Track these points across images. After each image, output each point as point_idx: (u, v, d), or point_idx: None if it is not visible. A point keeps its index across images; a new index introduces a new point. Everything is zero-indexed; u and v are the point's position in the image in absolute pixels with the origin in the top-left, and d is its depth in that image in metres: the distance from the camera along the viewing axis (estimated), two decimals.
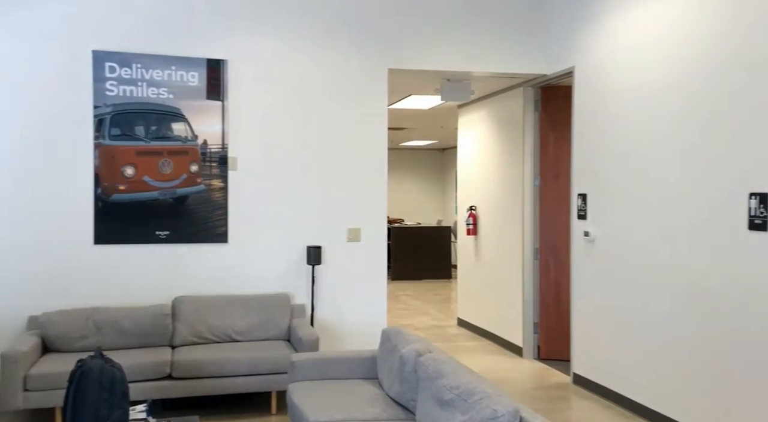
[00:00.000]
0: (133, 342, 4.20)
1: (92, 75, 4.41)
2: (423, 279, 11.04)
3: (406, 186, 13.68)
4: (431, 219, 13.75)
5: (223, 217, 4.71)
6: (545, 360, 5.62)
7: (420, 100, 6.65)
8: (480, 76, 5.40)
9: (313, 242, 4.90)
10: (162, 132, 4.56)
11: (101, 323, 4.14)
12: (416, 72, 5.16)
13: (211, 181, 4.68)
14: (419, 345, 3.05)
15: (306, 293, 4.87)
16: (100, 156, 4.44)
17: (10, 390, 3.59)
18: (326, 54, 4.89)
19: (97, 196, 4.43)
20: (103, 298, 4.44)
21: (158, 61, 4.54)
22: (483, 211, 6.53)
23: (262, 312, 4.52)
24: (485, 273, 6.47)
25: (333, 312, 4.93)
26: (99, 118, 4.43)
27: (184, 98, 4.60)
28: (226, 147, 4.71)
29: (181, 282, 4.61)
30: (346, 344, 4.96)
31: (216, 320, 4.39)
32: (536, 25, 5.30)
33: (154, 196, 4.55)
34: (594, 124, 4.72)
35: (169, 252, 4.59)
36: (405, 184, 13.66)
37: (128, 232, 4.49)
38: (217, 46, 4.66)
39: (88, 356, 2.63)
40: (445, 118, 8.44)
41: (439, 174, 13.87)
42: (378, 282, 5.03)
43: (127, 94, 4.48)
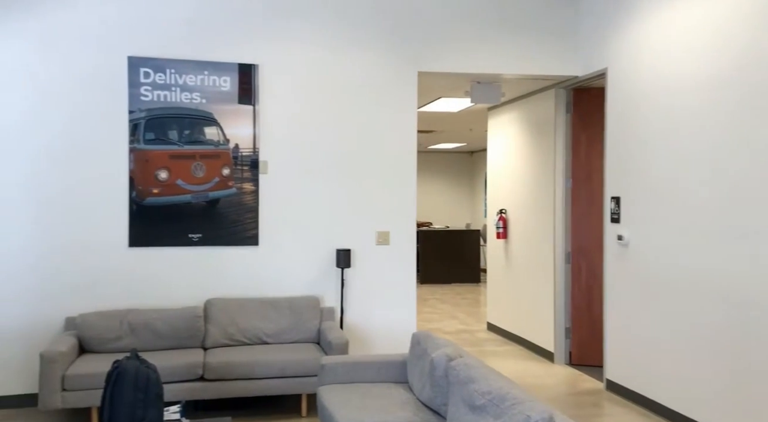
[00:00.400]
0: (166, 343, 4.26)
1: (127, 80, 4.50)
2: (451, 282, 10.98)
3: (435, 189, 13.64)
4: (460, 223, 13.68)
5: (254, 220, 4.75)
6: (577, 365, 5.53)
7: (449, 102, 6.63)
8: (511, 79, 5.36)
9: (342, 245, 4.92)
10: (195, 136, 4.63)
11: (135, 325, 4.21)
12: (446, 75, 5.14)
13: (242, 185, 4.73)
14: (450, 350, 3.03)
15: (335, 296, 4.89)
16: (135, 160, 4.52)
17: (48, 389, 3.67)
18: (356, 58, 4.91)
19: (132, 200, 4.52)
20: (137, 300, 4.52)
21: (191, 67, 4.61)
22: (513, 214, 6.47)
23: (292, 315, 4.54)
24: (515, 277, 6.41)
25: (362, 316, 4.94)
26: (134, 122, 4.52)
27: (216, 103, 4.66)
28: (257, 151, 4.75)
29: (213, 285, 4.67)
30: (374, 347, 4.96)
31: (247, 322, 4.44)
32: (568, 27, 5.24)
33: (186, 200, 4.62)
34: (627, 125, 4.64)
35: (201, 254, 4.65)
36: (433, 187, 13.63)
37: (161, 235, 4.56)
38: (248, 51, 4.71)
39: (124, 357, 2.68)
40: (475, 121, 8.39)
41: (468, 177, 13.79)
42: (407, 285, 5.02)
43: (161, 99, 4.56)
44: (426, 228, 11.27)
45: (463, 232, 11.07)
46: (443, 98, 6.40)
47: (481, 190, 13.20)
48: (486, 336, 6.72)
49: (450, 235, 11.01)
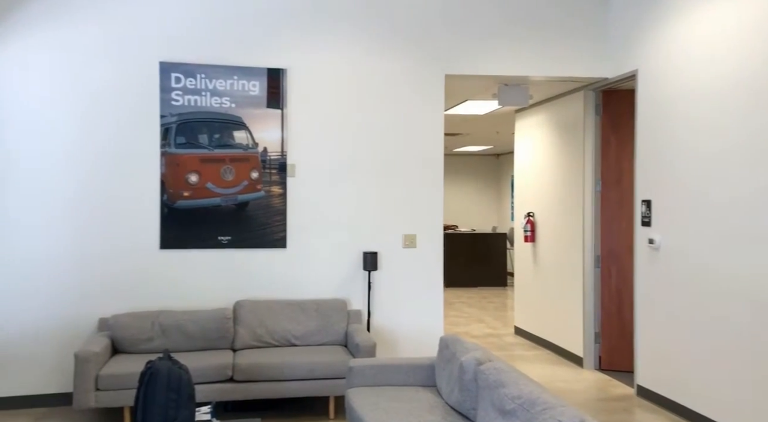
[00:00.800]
0: (196, 344, 4.32)
1: (159, 85, 4.58)
2: (477, 286, 10.92)
3: (460, 192, 13.59)
4: (486, 226, 13.60)
5: (282, 223, 4.79)
6: (607, 371, 5.46)
7: (476, 105, 6.61)
8: (539, 81, 5.33)
9: (369, 248, 4.93)
10: (224, 140, 4.69)
11: (166, 326, 4.28)
12: (473, 77, 5.13)
13: (270, 188, 4.77)
14: (479, 354, 3.01)
15: (362, 299, 4.90)
16: (166, 163, 4.60)
17: (83, 389, 3.75)
18: (383, 61, 4.92)
19: (163, 202, 4.59)
20: (167, 301, 4.60)
21: (221, 71, 4.67)
22: (541, 218, 6.42)
23: (320, 317, 4.57)
24: (543, 280, 6.35)
25: (389, 318, 4.94)
26: (165, 126, 4.60)
27: (245, 107, 4.72)
28: (285, 154, 4.80)
29: (242, 287, 4.72)
30: (401, 350, 4.95)
31: (275, 324, 4.47)
32: (597, 28, 5.19)
33: (216, 203, 4.68)
34: (659, 127, 4.57)
35: (231, 257, 4.71)
36: (459, 190, 13.58)
37: (192, 237, 4.63)
38: (277, 55, 4.76)
39: (157, 358, 2.72)
40: (502, 123, 8.35)
41: (494, 180, 13.71)
42: (434, 288, 5.01)
43: (192, 103, 4.63)
44: (452, 231, 11.23)
45: (489, 235, 11.01)
46: (470, 101, 6.38)
47: (508, 192, 13.11)
48: (514, 341, 6.67)
49: (476, 238, 10.95)
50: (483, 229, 13.26)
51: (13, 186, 4.38)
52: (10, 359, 4.36)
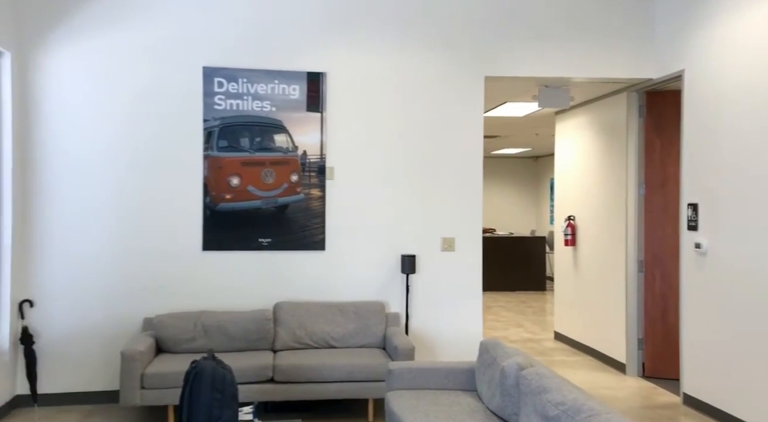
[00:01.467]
0: (237, 345, 4.38)
1: (202, 90, 4.67)
2: (515, 290, 10.81)
3: (498, 195, 13.47)
4: (524, 229, 13.45)
5: (321, 226, 4.83)
6: (651, 378, 5.33)
7: (515, 107, 6.55)
8: (580, 82, 5.24)
9: (407, 251, 4.93)
10: (265, 143, 4.75)
11: (208, 326, 4.36)
12: (513, 79, 5.08)
13: (310, 191, 4.82)
14: (520, 359, 2.98)
15: (400, 302, 4.90)
16: (209, 166, 4.69)
17: (129, 387, 3.84)
18: (422, 64, 4.92)
19: (206, 205, 4.68)
20: (209, 302, 4.68)
21: (262, 76, 4.74)
22: (582, 221, 6.31)
23: (358, 320, 4.58)
24: (585, 285, 6.24)
25: (427, 322, 4.93)
26: (208, 130, 4.69)
27: (285, 110, 4.78)
28: (325, 157, 4.83)
29: (281, 288, 4.77)
30: (439, 354, 4.93)
31: (314, 326, 4.51)
32: (641, 28, 5.08)
33: (257, 205, 4.74)
34: (706, 129, 4.45)
35: (271, 258, 4.76)
36: (497, 193, 13.46)
37: (233, 239, 4.71)
38: (316, 59, 4.81)
39: (201, 357, 2.77)
40: (541, 125, 8.25)
41: (533, 183, 13.55)
42: (473, 292, 4.97)
43: (234, 107, 4.71)
44: (489, 234, 11.14)
45: (527, 239, 10.88)
46: (509, 102, 6.32)
47: (546, 196, 12.94)
48: (553, 346, 6.57)
49: (514, 242, 10.84)
50: (521, 233, 13.10)
51: (61, 188, 4.52)
52: (60, 357, 4.50)
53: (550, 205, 12.74)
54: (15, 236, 4.37)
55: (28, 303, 4.46)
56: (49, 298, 4.49)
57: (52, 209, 4.50)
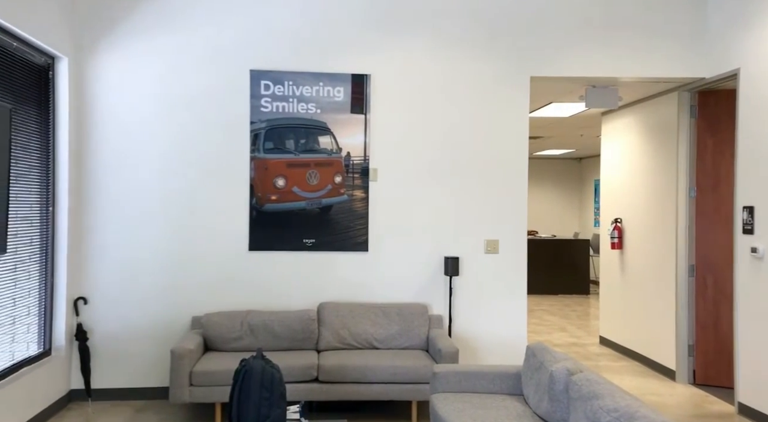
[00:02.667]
0: (282, 344, 4.44)
1: (249, 92, 4.75)
2: (559, 293, 10.64)
3: (541, 197, 13.29)
4: (567, 232, 13.23)
5: (364, 227, 4.85)
6: (702, 385, 5.17)
7: (561, 107, 6.45)
8: (629, 82, 5.13)
9: (450, 253, 4.91)
10: (310, 145, 4.80)
11: (255, 325, 4.43)
12: (559, 79, 5.01)
13: (353, 192, 4.84)
14: (569, 364, 2.93)
15: (443, 304, 4.88)
16: (255, 168, 4.76)
17: (178, 384, 3.94)
18: (467, 64, 4.90)
19: (252, 206, 4.76)
20: (255, 301, 4.75)
21: (307, 78, 4.79)
22: (630, 224, 6.18)
23: (401, 321, 4.59)
24: (632, 289, 6.10)
25: (470, 325, 4.90)
26: (255, 132, 4.76)
27: (329, 112, 4.82)
28: (368, 158, 4.85)
29: (325, 289, 4.81)
30: (482, 357, 4.90)
31: (358, 327, 4.53)
32: (694, 25, 4.95)
33: (302, 206, 4.80)
34: (763, 130, 4.30)
35: (315, 259, 4.81)
36: (539, 195, 13.28)
37: (278, 240, 4.77)
38: (361, 61, 4.83)
39: (251, 356, 2.82)
40: (586, 126, 8.10)
41: (576, 184, 13.32)
42: (517, 295, 4.92)
43: (280, 109, 4.78)
44: (531, 237, 11.00)
45: (571, 242, 10.71)
46: (554, 103, 6.23)
47: (591, 198, 12.70)
48: (599, 351, 6.45)
49: (557, 245, 10.68)
50: (564, 235, 12.89)
51: (114, 189, 4.66)
52: (113, 353, 4.64)
53: (594, 207, 12.51)
54: (70, 236, 4.53)
55: (82, 301, 4.61)
56: (102, 296, 4.64)
57: (105, 210, 4.65)
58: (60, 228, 4.44)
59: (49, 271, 4.37)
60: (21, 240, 3.96)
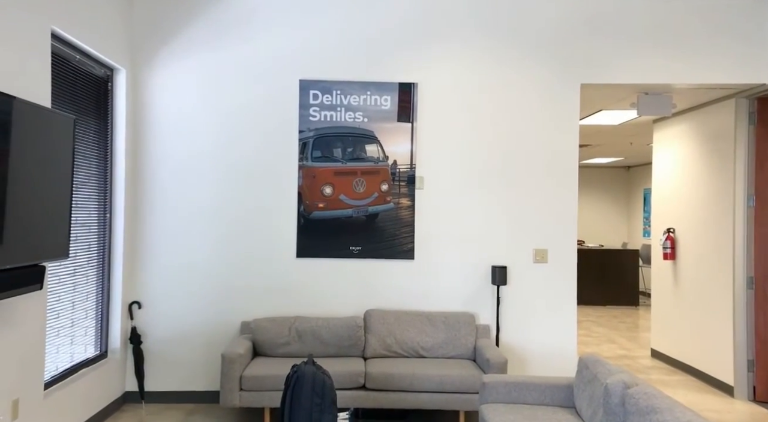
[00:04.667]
0: (330, 351, 4.48)
1: (298, 102, 4.83)
2: (607, 305, 10.42)
3: (588, 206, 13.05)
4: (615, 242, 12.95)
5: (410, 235, 4.85)
6: (763, 402, 4.97)
7: (611, 115, 6.33)
8: (683, 89, 5.01)
9: (498, 262, 4.87)
10: (357, 153, 4.85)
11: (302, 331, 4.48)
12: (610, 86, 4.93)
13: (399, 200, 4.86)
14: (625, 376, 2.87)
15: (490, 314, 4.84)
16: (303, 176, 4.83)
17: (228, 388, 4.01)
18: (516, 72, 4.87)
19: (300, 213, 4.83)
20: (302, 307, 4.81)
21: (355, 87, 4.85)
22: (683, 234, 6.01)
23: (448, 330, 4.57)
24: (686, 301, 5.92)
25: (518, 335, 4.84)
26: (303, 141, 4.84)
27: (376, 121, 4.85)
28: (414, 167, 4.86)
29: (371, 296, 4.83)
30: (530, 368, 4.83)
31: (404, 334, 4.53)
32: (753, 30, 4.80)
33: (348, 214, 4.84)
34: None
35: (361, 266, 4.84)
36: (586, 204, 13.04)
37: (325, 247, 4.82)
38: (408, 70, 4.86)
39: (302, 362, 2.85)
40: (636, 134, 7.94)
41: (624, 193, 13.03)
42: (566, 306, 4.84)
43: (327, 118, 4.84)
44: (579, 246, 10.81)
45: (619, 252, 10.48)
46: (604, 111, 6.13)
47: (639, 207, 12.40)
48: (650, 364, 6.27)
49: (605, 255, 10.47)
50: (612, 245, 12.62)
51: (167, 197, 4.79)
52: (166, 357, 4.76)
53: (643, 216, 12.21)
54: (126, 242, 4.68)
55: (136, 305, 4.75)
56: (155, 301, 4.77)
57: (158, 217, 4.79)
58: (116, 234, 4.60)
59: (106, 276, 4.52)
60: (80, 246, 4.12)
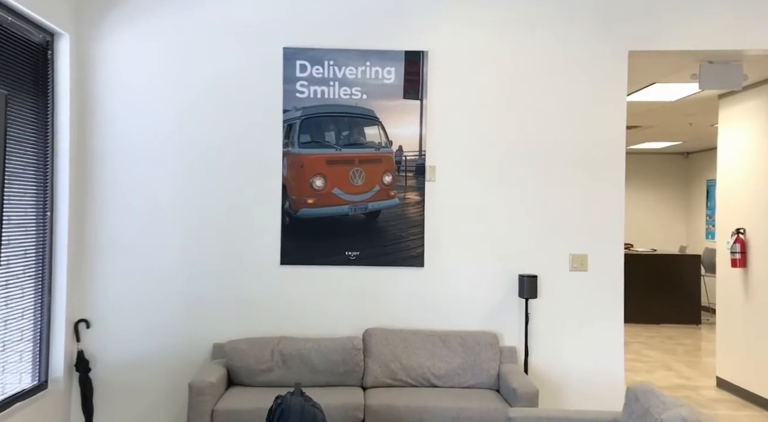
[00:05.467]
0: (321, 378, 4.45)
1: (282, 75, 4.80)
2: (660, 323, 10.44)
3: (637, 201, 13.03)
4: (671, 245, 12.95)
5: (420, 237, 4.83)
6: None
7: (666, 89, 6.34)
8: (757, 56, 4.97)
9: (526, 270, 4.84)
10: (354, 138, 4.82)
11: (288, 355, 4.45)
12: (666, 53, 4.90)
13: (406, 194, 4.84)
14: (685, 412, 2.83)
15: (517, 333, 4.81)
16: (289, 165, 4.81)
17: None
18: (549, 38, 4.83)
19: (284, 211, 4.80)
20: (288, 326, 4.78)
21: (352, 57, 4.81)
22: (756, 236, 5.97)
23: (466, 354, 4.55)
24: (761, 318, 5.89)
25: (551, 359, 4.81)
26: (288, 123, 4.81)
27: (378, 98, 4.82)
28: (424, 154, 4.84)
29: (372, 311, 4.81)
30: (567, 400, 4.80)
31: (412, 359, 4.51)
32: None
33: (344, 211, 4.81)
34: None
35: (359, 275, 4.81)
36: (635, 199, 13.03)
37: (316, 252, 4.79)
38: (416, 35, 4.83)
39: (288, 393, 2.83)
40: (698, 112, 7.95)
41: (682, 185, 13.03)
42: (611, 324, 4.81)
43: (318, 95, 4.81)
44: (626, 251, 10.79)
45: (676, 258, 10.51)
46: (658, 84, 6.12)
47: (702, 202, 12.39)
48: (716, 396, 6.25)
49: (658, 261, 10.48)
50: (667, 249, 12.60)
51: (122, 189, 4.77)
52: (120, 386, 4.74)
53: (707, 214, 12.20)
54: (72, 246, 4.65)
55: (84, 324, 4.73)
56: (107, 318, 4.75)
57: (111, 216, 4.76)
58: (59, 237, 4.57)
59: (46, 288, 4.50)
60: (14, 252, 4.10)
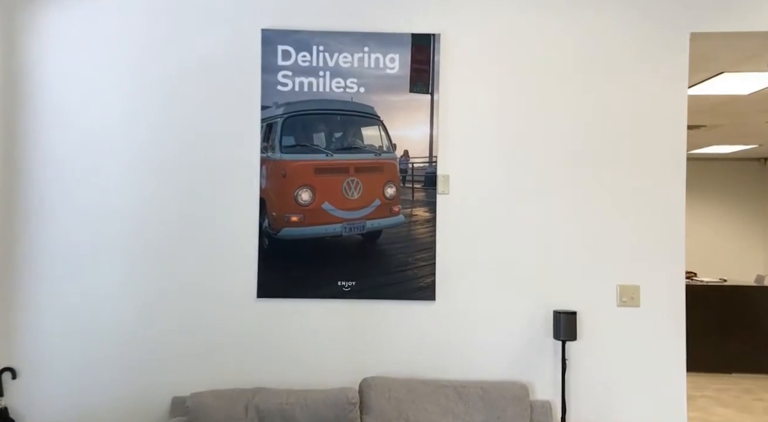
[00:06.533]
0: None
1: (260, 64, 4.93)
2: (733, 372, 10.45)
3: (701, 219, 13.09)
4: (746, 274, 12.99)
5: (430, 263, 4.91)
6: None
7: (737, 80, 6.42)
8: None
9: (563, 305, 4.93)
10: (348, 140, 4.92)
11: (266, 412, 4.53)
12: (737, 35, 5.01)
13: (413, 210, 4.91)
14: None
15: (552, 384, 4.90)
16: (269, 174, 4.91)
17: None
18: (587, 17, 4.95)
19: (263, 231, 4.90)
20: (265, 374, 4.86)
21: (346, 41, 4.93)
22: None
23: (487, 410, 4.61)
24: None
25: (595, 417, 4.89)
26: (268, 122, 4.92)
27: (379, 92, 4.93)
28: (436, 160, 4.93)
29: (371, 356, 4.89)
30: None
31: (421, 416, 4.58)
32: None
33: (336, 231, 4.90)
34: None
35: (355, 311, 4.90)
36: (698, 216, 13.09)
37: (301, 282, 4.87)
38: (425, 14, 4.94)
39: None
40: None
41: (760, 199, 13.08)
42: (671, 374, 4.88)
43: (305, 88, 4.92)
44: (687, 281, 10.87)
45: (752, 290, 10.53)
46: (727, 73, 6.21)
47: None
48: None
49: (729, 294, 10.51)
50: (740, 280, 12.68)
51: (59, 203, 4.84)
52: None
53: None
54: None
55: (9, 373, 4.80)
56: (38, 367, 4.82)
57: (42, 234, 4.85)
58: None
59: None
60: None
